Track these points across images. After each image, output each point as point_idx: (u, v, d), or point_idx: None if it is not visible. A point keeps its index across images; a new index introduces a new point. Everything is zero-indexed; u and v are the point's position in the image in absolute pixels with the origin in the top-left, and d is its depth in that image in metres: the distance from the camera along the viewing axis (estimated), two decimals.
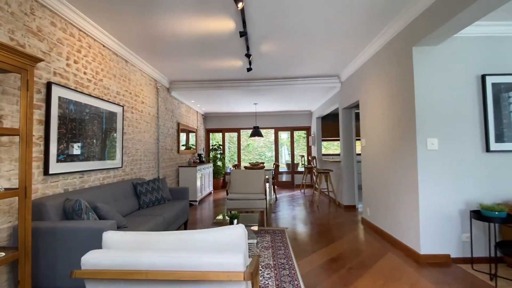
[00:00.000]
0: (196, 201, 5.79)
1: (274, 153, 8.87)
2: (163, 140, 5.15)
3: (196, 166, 5.81)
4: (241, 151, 8.72)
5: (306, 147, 9.00)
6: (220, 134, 8.95)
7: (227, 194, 4.24)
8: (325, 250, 3.08)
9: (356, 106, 4.97)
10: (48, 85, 2.39)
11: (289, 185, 8.65)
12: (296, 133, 9.01)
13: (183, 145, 6.83)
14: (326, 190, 6.55)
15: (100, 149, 3.12)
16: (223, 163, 8.46)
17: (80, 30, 2.85)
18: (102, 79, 3.24)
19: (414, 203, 2.81)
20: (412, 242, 2.85)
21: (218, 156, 8.33)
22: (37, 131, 2.30)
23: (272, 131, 8.93)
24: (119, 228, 2.43)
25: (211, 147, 8.57)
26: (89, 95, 2.95)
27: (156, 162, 4.81)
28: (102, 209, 2.32)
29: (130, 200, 3.30)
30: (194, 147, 7.36)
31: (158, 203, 3.59)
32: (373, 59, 3.71)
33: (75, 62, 2.77)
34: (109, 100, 3.36)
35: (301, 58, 4.12)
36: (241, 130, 8.81)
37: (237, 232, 1.07)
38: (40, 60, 1.81)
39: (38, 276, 1.95)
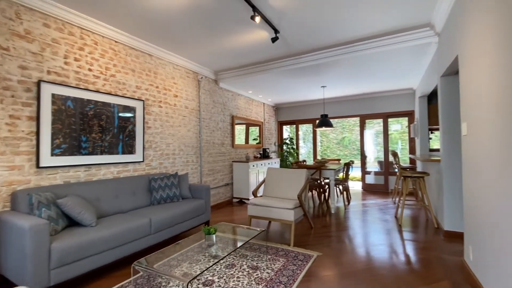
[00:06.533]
0: (248, 199, 5.31)
1: (360, 148, 7.05)
2: (209, 134, 4.96)
3: (248, 162, 5.32)
4: (336, 146, 7.46)
5: (408, 140, 6.63)
6: (294, 126, 8.02)
7: (255, 197, 3.49)
8: None
9: None
10: (39, 84, 2.54)
11: (382, 190, 6.65)
12: (392, 121, 6.80)
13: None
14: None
15: (110, 144, 3.18)
16: (297, 159, 7.53)
17: (82, 28, 2.93)
18: (115, 74, 3.28)
19: None
20: None
21: (290, 150, 7.48)
22: (28, 127, 2.48)
23: (357, 119, 7.12)
24: (86, 226, 2.30)
25: (283, 141, 7.83)
26: (97, 91, 3.03)
27: (198, 157, 4.67)
28: (65, 205, 2.23)
29: (140, 196, 3.22)
30: (258, 140, 6.89)
31: (170, 200, 3.35)
32: None
33: (76, 59, 2.87)
34: (125, 95, 3.38)
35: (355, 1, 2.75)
36: (317, 121, 7.52)
37: None
38: None
39: None
